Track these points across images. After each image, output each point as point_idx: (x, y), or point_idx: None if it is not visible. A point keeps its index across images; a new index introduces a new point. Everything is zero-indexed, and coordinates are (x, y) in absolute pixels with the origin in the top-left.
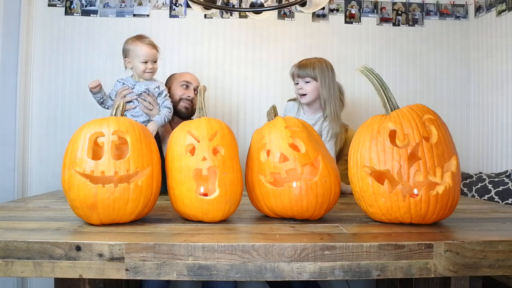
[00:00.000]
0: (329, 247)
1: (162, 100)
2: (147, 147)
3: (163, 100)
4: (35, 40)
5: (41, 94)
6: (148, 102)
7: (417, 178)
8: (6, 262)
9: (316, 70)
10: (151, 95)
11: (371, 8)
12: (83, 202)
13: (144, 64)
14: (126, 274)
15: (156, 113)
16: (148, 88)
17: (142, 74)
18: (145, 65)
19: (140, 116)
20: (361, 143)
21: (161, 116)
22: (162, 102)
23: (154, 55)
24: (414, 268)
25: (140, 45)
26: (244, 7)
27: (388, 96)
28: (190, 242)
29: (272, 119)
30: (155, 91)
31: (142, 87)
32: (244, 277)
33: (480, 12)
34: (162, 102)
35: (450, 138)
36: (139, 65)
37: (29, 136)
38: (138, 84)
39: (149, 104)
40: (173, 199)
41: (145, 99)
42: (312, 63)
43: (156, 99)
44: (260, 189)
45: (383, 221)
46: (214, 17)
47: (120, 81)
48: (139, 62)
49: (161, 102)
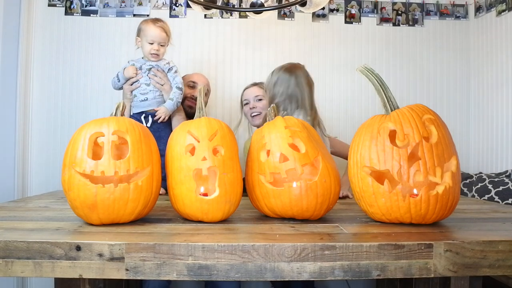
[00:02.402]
0: (329, 247)
1: (172, 76)
2: (147, 147)
3: (173, 77)
4: (35, 40)
5: (41, 94)
6: (159, 77)
7: (417, 178)
8: (6, 262)
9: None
10: (160, 70)
11: (371, 8)
12: (83, 202)
13: (150, 45)
14: (126, 274)
15: (169, 89)
16: (158, 64)
17: (148, 55)
18: (151, 46)
19: (149, 93)
20: (361, 143)
21: (173, 101)
22: (173, 79)
23: (162, 38)
24: (414, 268)
25: (151, 26)
26: (244, 7)
27: (388, 96)
28: (190, 242)
29: (272, 119)
30: (165, 67)
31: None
32: (244, 277)
33: (480, 12)
34: (173, 78)
35: (450, 138)
36: (146, 45)
37: (29, 136)
38: (146, 63)
39: (160, 79)
40: (173, 199)
41: (155, 74)
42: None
43: (166, 75)
44: (260, 189)
45: (383, 221)
46: (214, 17)
47: (130, 61)
48: (146, 42)
49: (172, 79)
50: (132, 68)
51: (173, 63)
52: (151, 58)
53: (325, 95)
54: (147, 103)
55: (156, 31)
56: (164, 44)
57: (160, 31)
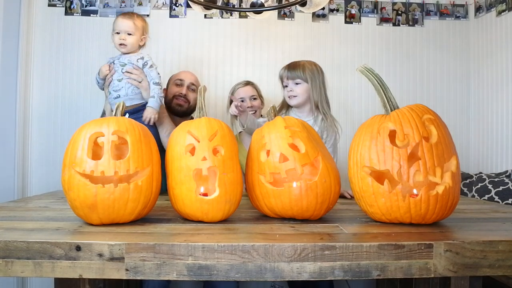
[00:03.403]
0: (329, 247)
1: (148, 72)
2: (147, 147)
3: (149, 71)
4: (35, 40)
5: (41, 94)
6: (135, 74)
7: (417, 178)
8: (6, 262)
9: (307, 72)
10: (135, 67)
11: (371, 8)
12: (83, 202)
13: (116, 35)
14: (126, 274)
15: (146, 86)
16: (131, 61)
17: (117, 47)
18: (118, 36)
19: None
20: (361, 143)
21: (155, 98)
22: (148, 74)
23: (128, 27)
24: (414, 268)
25: (117, 18)
26: (244, 7)
27: (388, 96)
28: (190, 242)
29: (272, 119)
30: (138, 62)
31: (125, 59)
32: (244, 277)
33: (480, 12)
34: (148, 74)
35: (450, 138)
36: (114, 37)
37: (29, 136)
38: (120, 58)
39: (137, 76)
40: (173, 199)
41: (131, 72)
42: (302, 65)
43: (143, 71)
44: (260, 189)
45: (383, 221)
46: (214, 17)
47: (107, 58)
48: (113, 34)
49: (147, 74)
50: (105, 67)
51: (148, 57)
52: (121, 49)
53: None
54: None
55: (120, 20)
56: (131, 33)
57: (125, 20)
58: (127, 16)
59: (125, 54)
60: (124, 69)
